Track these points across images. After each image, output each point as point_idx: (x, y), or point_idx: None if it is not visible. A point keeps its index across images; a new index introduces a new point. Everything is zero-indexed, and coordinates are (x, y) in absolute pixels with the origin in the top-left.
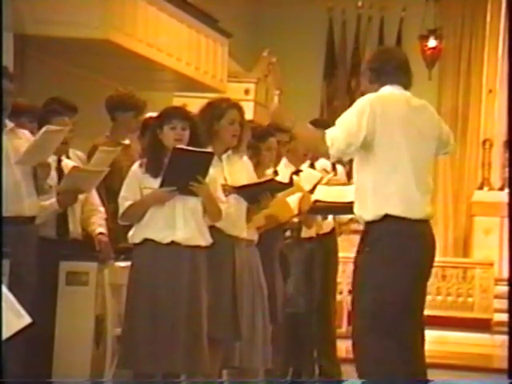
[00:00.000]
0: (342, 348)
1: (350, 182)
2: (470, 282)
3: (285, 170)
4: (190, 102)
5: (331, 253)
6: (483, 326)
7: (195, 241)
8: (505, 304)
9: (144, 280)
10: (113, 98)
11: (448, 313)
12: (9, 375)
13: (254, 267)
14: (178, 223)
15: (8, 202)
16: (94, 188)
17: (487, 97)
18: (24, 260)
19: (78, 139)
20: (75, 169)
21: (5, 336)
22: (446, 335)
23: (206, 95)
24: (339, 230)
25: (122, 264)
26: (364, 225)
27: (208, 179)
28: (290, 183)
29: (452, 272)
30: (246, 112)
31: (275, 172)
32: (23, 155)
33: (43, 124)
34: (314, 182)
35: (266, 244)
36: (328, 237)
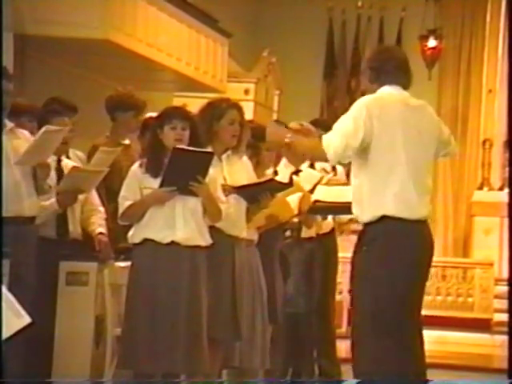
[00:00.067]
0: (342, 348)
1: (349, 182)
2: (470, 282)
3: (285, 170)
4: (189, 102)
5: (331, 253)
6: (483, 326)
7: (195, 241)
8: (505, 304)
9: (144, 280)
10: (113, 97)
11: (448, 313)
12: (9, 375)
13: (253, 267)
14: (178, 223)
15: (8, 202)
16: (93, 188)
17: (487, 97)
18: (24, 260)
19: (78, 139)
20: (75, 169)
21: (5, 336)
22: (446, 335)
23: (205, 95)
24: (340, 230)
25: (122, 264)
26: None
27: (208, 179)
28: (290, 183)
29: (452, 272)
30: (246, 112)
31: (275, 172)
32: (23, 155)
33: (43, 124)
34: (313, 181)
35: (266, 244)
36: (328, 237)
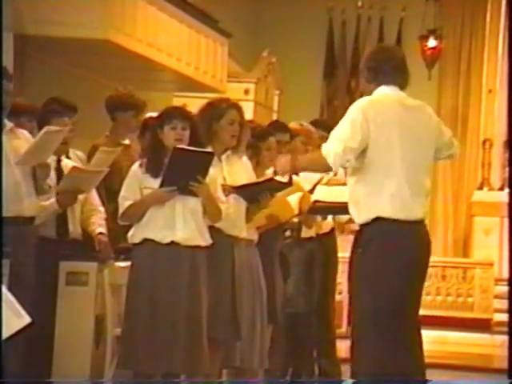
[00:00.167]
0: (342, 348)
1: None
2: (470, 282)
3: None
4: (189, 102)
5: (331, 253)
6: (483, 326)
7: (195, 241)
8: (505, 304)
9: (144, 280)
10: (113, 97)
11: (448, 313)
12: (9, 375)
13: (253, 267)
14: (178, 223)
15: (8, 202)
16: (93, 188)
17: (487, 97)
18: (23, 260)
19: (78, 139)
20: (75, 169)
21: (5, 336)
22: (446, 335)
23: (205, 95)
24: (340, 229)
25: (122, 264)
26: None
27: (208, 179)
28: (290, 183)
29: (452, 272)
30: (246, 112)
31: (275, 172)
32: (23, 155)
33: (43, 124)
34: (313, 181)
35: (266, 244)
36: (328, 237)
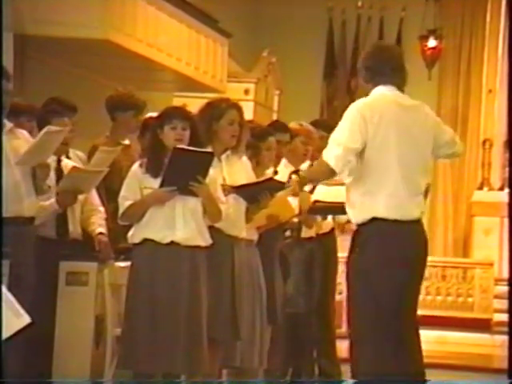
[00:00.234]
0: (342, 348)
1: None
2: (470, 282)
3: (285, 170)
4: (189, 102)
5: (331, 253)
6: (483, 326)
7: (195, 241)
8: (505, 304)
9: (144, 280)
10: (113, 97)
11: (448, 313)
12: (9, 375)
13: (253, 267)
14: (178, 223)
15: (8, 203)
16: (93, 188)
17: (487, 97)
18: (23, 260)
19: (78, 139)
20: (75, 169)
21: (5, 336)
22: (446, 335)
23: (205, 95)
24: (340, 229)
25: (122, 264)
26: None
27: (208, 179)
28: (289, 182)
29: (452, 272)
30: (246, 112)
31: (275, 172)
32: (23, 155)
33: (43, 124)
34: None
35: (266, 244)
36: (328, 237)
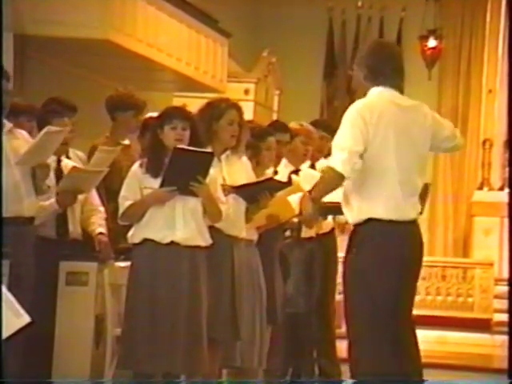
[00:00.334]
0: (342, 348)
1: None
2: (470, 282)
3: (285, 170)
4: (189, 102)
5: (331, 253)
6: (483, 325)
7: (195, 241)
8: (505, 304)
9: (143, 280)
10: (113, 97)
11: (448, 313)
12: (9, 375)
13: (253, 267)
14: (178, 223)
15: (7, 203)
16: (93, 188)
17: (487, 97)
18: (23, 260)
19: (78, 139)
20: (75, 169)
21: (5, 336)
22: (446, 335)
23: (205, 95)
24: (340, 229)
25: (122, 264)
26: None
27: (208, 180)
28: (289, 182)
29: (452, 272)
30: (246, 112)
31: (275, 172)
32: (23, 156)
33: (43, 124)
34: (313, 182)
35: (266, 244)
36: (328, 237)
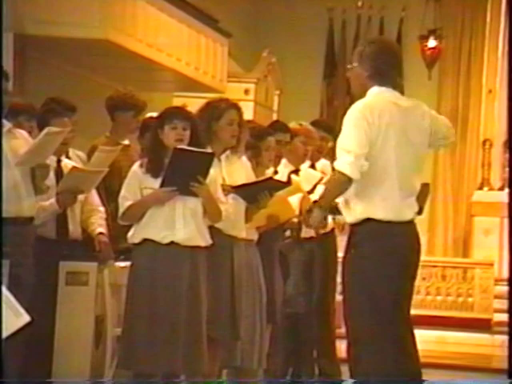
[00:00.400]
0: (342, 348)
1: None
2: (470, 282)
3: (285, 170)
4: (189, 102)
5: (331, 253)
6: (483, 326)
7: (195, 241)
8: (505, 304)
9: (143, 280)
10: (113, 97)
11: (448, 313)
12: (9, 375)
13: (253, 267)
14: (178, 223)
15: (7, 203)
16: (93, 188)
17: (487, 97)
18: (23, 260)
19: (78, 139)
20: (75, 169)
21: (5, 336)
22: (446, 335)
23: (205, 95)
24: (340, 229)
25: (122, 264)
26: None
27: (208, 180)
28: (289, 182)
29: (452, 272)
30: (246, 112)
31: (275, 172)
32: (23, 156)
33: (43, 124)
34: (313, 182)
35: (266, 244)
36: (328, 237)
